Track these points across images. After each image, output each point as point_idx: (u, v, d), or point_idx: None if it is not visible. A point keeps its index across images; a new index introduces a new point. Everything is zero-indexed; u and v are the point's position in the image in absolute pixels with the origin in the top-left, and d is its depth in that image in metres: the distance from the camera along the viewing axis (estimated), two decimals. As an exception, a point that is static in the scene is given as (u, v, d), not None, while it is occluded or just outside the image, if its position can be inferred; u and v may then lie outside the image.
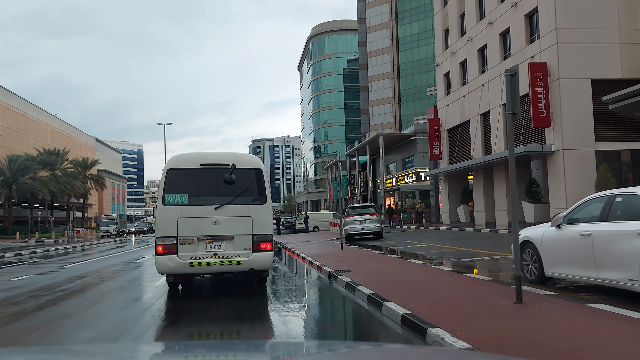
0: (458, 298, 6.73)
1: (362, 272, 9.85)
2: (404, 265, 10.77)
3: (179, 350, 2.43)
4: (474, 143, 28.02)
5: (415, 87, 62.52)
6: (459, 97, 30.14)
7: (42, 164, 60.12)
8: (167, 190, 8.26)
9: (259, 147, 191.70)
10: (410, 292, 7.23)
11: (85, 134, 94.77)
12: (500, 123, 25.19)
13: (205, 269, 8.36)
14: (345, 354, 2.01)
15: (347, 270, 10.18)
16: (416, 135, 47.15)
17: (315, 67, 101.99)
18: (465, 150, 29.84)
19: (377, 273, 9.70)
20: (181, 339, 5.81)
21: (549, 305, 5.98)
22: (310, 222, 39.75)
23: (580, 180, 20.67)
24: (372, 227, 22.31)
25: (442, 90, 33.11)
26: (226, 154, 8.90)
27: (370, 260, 12.27)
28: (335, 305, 8.18)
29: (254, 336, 5.82)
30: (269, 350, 2.29)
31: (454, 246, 16.04)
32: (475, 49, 28.17)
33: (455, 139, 31.24)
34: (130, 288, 10.32)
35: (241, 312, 7.25)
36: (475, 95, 28.04)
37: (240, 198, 8.35)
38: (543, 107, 21.19)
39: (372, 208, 23.51)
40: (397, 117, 63.84)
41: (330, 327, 6.61)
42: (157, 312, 7.49)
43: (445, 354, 2.28)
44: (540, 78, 21.27)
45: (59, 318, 7.31)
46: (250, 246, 8.30)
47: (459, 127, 30.32)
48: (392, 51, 64.54)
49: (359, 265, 11.12)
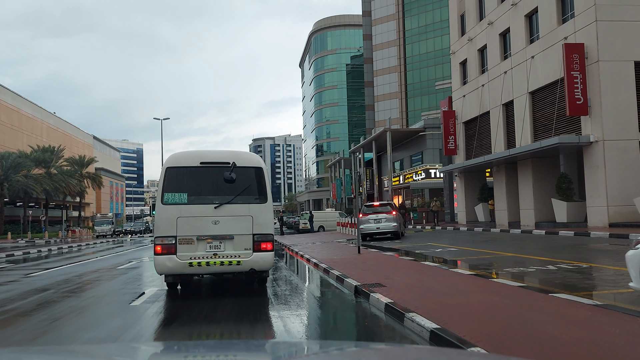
0: (586, 341, 4.48)
1: (400, 287, 7.60)
2: (451, 278, 8.48)
3: (179, 350, 2.36)
4: (495, 136, 25.77)
5: (423, 81, 60.01)
6: (477, 87, 27.88)
7: (36, 161, 58.27)
8: (166, 189, 8.09)
9: (260, 146, 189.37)
10: (497, 329, 4.87)
11: (82, 132, 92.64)
12: (526, 113, 22.94)
13: (204, 269, 8.15)
14: (345, 354, 1.98)
15: (380, 285, 7.90)
16: (425, 130, 44.95)
17: (317, 63, 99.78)
18: (485, 144, 27.58)
19: (422, 289, 7.44)
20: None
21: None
22: (315, 221, 37.48)
23: (623, 175, 18.44)
24: (388, 227, 20.70)
25: (457, 80, 30.84)
26: (226, 152, 8.77)
27: (401, 269, 10.02)
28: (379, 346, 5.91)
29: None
30: (269, 350, 2.26)
31: (493, 250, 13.72)
32: (496, 33, 25.90)
33: (473, 132, 28.99)
34: (95, 310, 7.91)
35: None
36: (496, 84, 25.78)
37: (241, 197, 8.17)
38: (580, 93, 18.93)
39: (388, 206, 21.63)
40: (404, 113, 61.36)
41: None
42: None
43: (446, 354, 2.16)
44: (576, 61, 19.01)
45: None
46: (251, 246, 8.13)
47: (477, 119, 28.06)
48: (398, 44, 62.06)
49: (390, 277, 8.86)
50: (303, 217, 39.98)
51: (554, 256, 11.27)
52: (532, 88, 22.64)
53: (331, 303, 8.03)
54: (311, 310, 7.34)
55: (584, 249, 12.76)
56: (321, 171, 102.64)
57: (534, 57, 22.41)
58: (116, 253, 22.41)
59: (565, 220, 20.43)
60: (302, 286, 10.00)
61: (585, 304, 5.84)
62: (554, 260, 10.56)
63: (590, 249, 12.85)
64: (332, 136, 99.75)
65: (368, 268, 10.34)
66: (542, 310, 5.62)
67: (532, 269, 9.54)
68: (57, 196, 60.95)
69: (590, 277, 8.42)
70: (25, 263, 18.34)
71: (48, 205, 62.56)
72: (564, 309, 5.62)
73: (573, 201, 20.73)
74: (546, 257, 11.30)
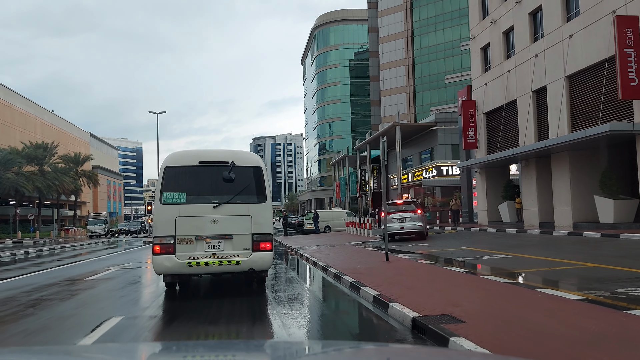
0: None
1: (484, 324, 4.97)
2: (554, 305, 5.73)
3: (179, 350, 2.32)
4: (524, 127, 23.18)
5: (432, 74, 57.24)
6: (502, 73, 25.29)
7: (27, 158, 55.93)
8: (164, 189, 8.06)
9: (260, 145, 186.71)
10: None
11: (79, 129, 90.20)
12: (563, 100, 20.36)
13: (203, 269, 8.10)
14: (345, 354, 1.95)
15: (452, 318, 5.20)
16: (437, 125, 42.41)
17: (319, 59, 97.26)
18: (511, 136, 25.00)
19: (521, 329, 4.82)
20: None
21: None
22: (321, 221, 34.82)
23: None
24: (413, 226, 19.04)
25: (478, 67, 28.24)
26: (225, 151, 8.74)
27: (462, 287, 7.38)
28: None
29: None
30: (269, 350, 2.23)
31: (562, 259, 10.90)
32: (525, 12, 23.31)
33: (496, 123, 26.40)
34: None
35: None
36: (525, 70, 23.19)
37: (240, 196, 8.12)
38: (634, 73, 16.37)
39: (413, 204, 19.55)
40: (412, 108, 58.63)
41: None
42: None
43: (446, 354, 2.14)
44: (629, 36, 16.44)
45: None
46: (250, 246, 8.07)
47: (501, 109, 25.48)
48: (406, 36, 59.31)
49: (457, 301, 6.12)
50: (307, 216, 37.32)
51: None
52: (570, 71, 20.06)
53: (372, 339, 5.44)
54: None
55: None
56: (323, 170, 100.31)
57: (572, 37, 19.84)
58: (99, 257, 19.83)
59: (611, 221, 17.87)
60: (327, 311, 7.42)
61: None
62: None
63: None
64: (335, 134, 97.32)
65: (413, 285, 7.74)
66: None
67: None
68: (50, 194, 58.52)
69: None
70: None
71: (42, 204, 60.20)
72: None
73: (621, 199, 18.16)
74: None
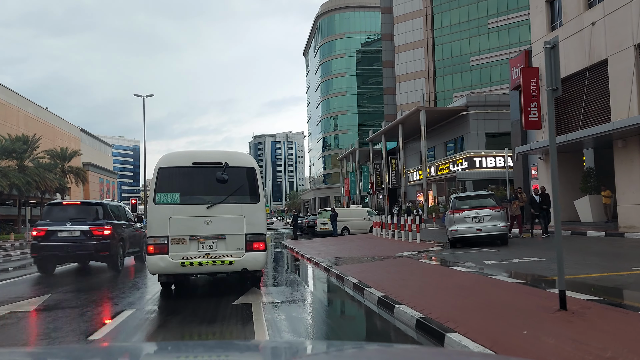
0: None
1: None
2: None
3: (179, 350, 2.33)
4: (621, 94, 17.38)
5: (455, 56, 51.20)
6: (582, 28, 19.47)
7: (4, 151, 50.18)
8: (158, 189, 8.21)
9: (260, 144, 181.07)
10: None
11: (68, 123, 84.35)
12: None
13: (197, 269, 8.25)
14: (345, 354, 1.96)
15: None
16: (468, 109, 36.70)
17: (324, 49, 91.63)
18: (596, 109, 19.20)
19: None
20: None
21: None
22: (339, 221, 28.82)
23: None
24: (494, 228, 14.52)
25: (541, 25, 22.41)
26: (218, 152, 8.88)
27: None
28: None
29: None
30: (269, 351, 2.22)
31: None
32: (621, -58, 17.50)
33: (569, 96, 20.58)
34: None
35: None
36: (621, 18, 17.39)
37: (233, 197, 8.26)
38: None
39: (489, 198, 14.31)
40: (432, 95, 52.67)
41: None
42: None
43: (446, 354, 2.15)
44: None
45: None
46: (243, 246, 8.20)
47: (578, 75, 19.69)
48: (425, 14, 53.31)
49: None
50: (321, 215, 31.32)
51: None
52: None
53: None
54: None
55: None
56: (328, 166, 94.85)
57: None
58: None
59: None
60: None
61: None
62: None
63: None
64: (341, 128, 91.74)
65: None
66: None
67: None
68: (30, 192, 52.82)
69: None
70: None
71: (28, 203, 54.58)
72: None
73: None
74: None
